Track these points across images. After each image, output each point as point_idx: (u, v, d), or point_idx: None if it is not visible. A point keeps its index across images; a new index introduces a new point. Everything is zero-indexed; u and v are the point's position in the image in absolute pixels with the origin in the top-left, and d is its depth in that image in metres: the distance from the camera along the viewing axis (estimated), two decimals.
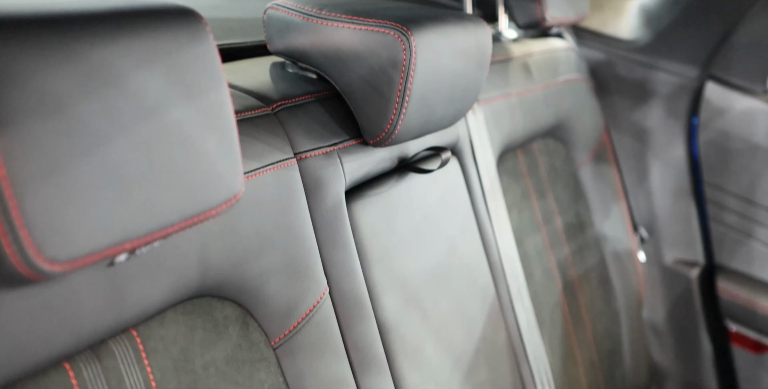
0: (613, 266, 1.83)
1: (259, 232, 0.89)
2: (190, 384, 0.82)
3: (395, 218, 1.12)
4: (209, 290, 0.86)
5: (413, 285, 1.14)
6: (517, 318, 1.37)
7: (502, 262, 1.36)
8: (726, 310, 1.87)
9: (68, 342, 0.70)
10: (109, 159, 0.60)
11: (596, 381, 1.68)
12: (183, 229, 0.69)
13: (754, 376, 1.90)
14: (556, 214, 1.66)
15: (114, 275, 0.72)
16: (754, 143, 1.73)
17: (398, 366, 1.09)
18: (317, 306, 0.97)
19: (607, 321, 1.77)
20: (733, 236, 1.82)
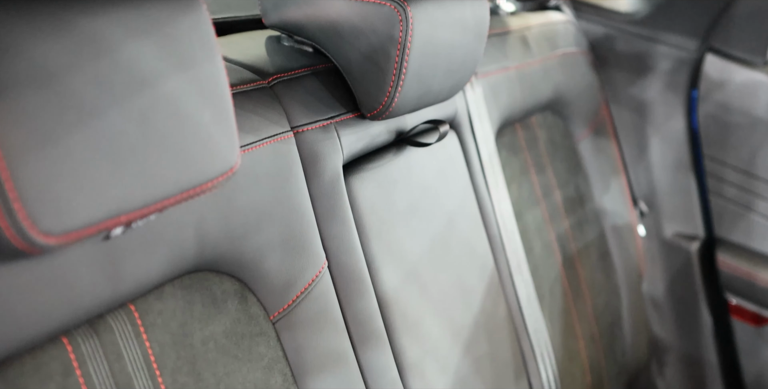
0: (612, 240, 1.83)
1: (256, 206, 0.88)
2: (189, 358, 0.82)
3: (393, 192, 1.12)
4: (207, 264, 0.85)
5: (412, 259, 1.13)
6: (517, 292, 1.37)
7: (502, 236, 1.36)
8: (726, 283, 1.87)
9: (65, 317, 0.70)
10: (103, 131, 0.60)
11: (596, 355, 1.68)
12: (179, 202, 0.68)
13: (754, 349, 1.90)
14: (555, 188, 1.65)
15: (110, 248, 0.72)
16: (754, 116, 1.72)
17: (398, 339, 1.09)
18: (316, 280, 0.97)
19: (606, 295, 1.76)
20: (732, 209, 1.82)
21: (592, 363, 1.66)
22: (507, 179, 1.48)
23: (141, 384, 0.77)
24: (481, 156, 1.35)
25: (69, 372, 0.71)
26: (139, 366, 0.77)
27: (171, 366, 0.80)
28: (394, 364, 1.08)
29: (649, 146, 1.89)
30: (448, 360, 1.17)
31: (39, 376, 0.69)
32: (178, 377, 0.80)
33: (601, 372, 1.71)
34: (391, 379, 1.07)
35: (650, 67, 1.84)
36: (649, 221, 1.94)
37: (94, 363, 0.73)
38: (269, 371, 0.91)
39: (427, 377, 1.12)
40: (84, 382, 0.72)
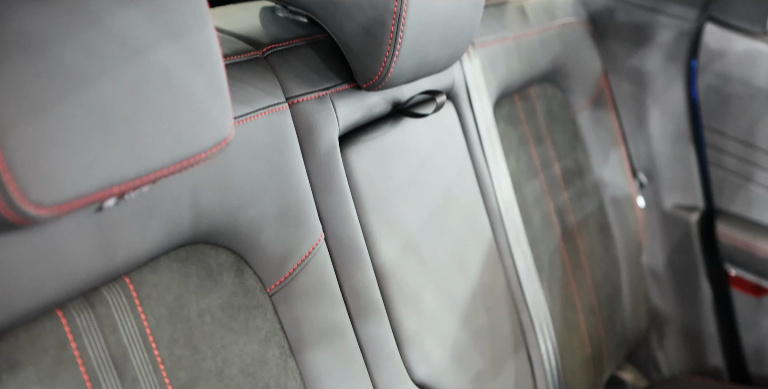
0: (612, 211, 1.82)
1: (251, 178, 0.88)
2: (185, 331, 0.81)
3: (390, 163, 1.11)
4: (202, 237, 0.85)
5: (410, 231, 1.13)
6: (516, 264, 1.37)
7: (500, 208, 1.35)
8: (725, 254, 1.87)
9: (59, 290, 0.70)
10: (93, 101, 0.59)
11: (596, 327, 1.68)
12: (172, 173, 0.67)
13: (754, 319, 1.90)
14: (554, 160, 1.65)
15: (103, 220, 0.71)
16: (754, 86, 1.71)
17: (396, 311, 1.09)
18: (313, 252, 0.97)
19: (606, 267, 1.76)
20: (732, 180, 1.81)
21: (591, 335, 1.66)
22: (505, 151, 1.47)
23: (137, 357, 0.76)
24: (479, 127, 1.34)
25: (64, 345, 0.71)
26: (134, 339, 0.77)
27: (167, 338, 0.80)
28: (392, 336, 1.08)
29: (648, 117, 1.88)
30: (446, 332, 1.17)
31: (34, 350, 0.69)
32: (174, 350, 0.80)
33: (601, 343, 1.71)
34: (389, 351, 1.07)
35: (649, 37, 1.82)
36: (649, 192, 1.94)
37: (89, 336, 0.73)
38: (266, 343, 0.91)
39: (425, 349, 1.12)
40: (79, 355, 0.72)
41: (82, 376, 0.72)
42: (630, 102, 1.89)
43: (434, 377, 1.13)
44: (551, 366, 1.42)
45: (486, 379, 1.24)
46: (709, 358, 1.98)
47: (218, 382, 0.84)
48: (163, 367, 0.79)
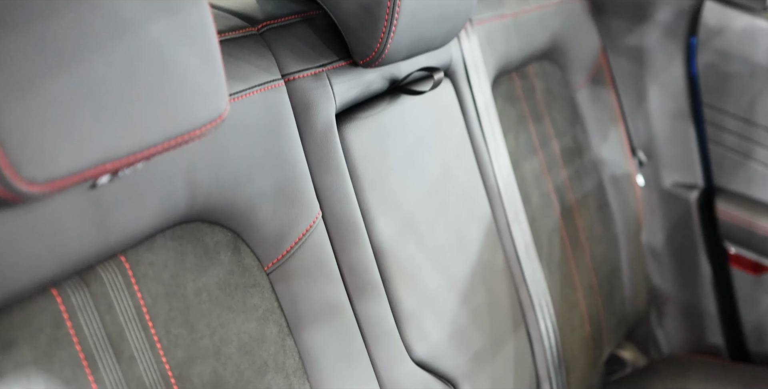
0: (611, 190, 1.82)
1: (247, 155, 0.87)
2: (182, 309, 0.81)
3: (388, 141, 1.11)
4: (199, 215, 0.84)
5: (408, 209, 1.12)
6: (515, 242, 1.36)
7: (499, 186, 1.35)
8: (725, 232, 1.87)
9: (54, 268, 0.69)
10: (85, 76, 0.58)
11: (595, 305, 1.68)
12: (167, 150, 0.67)
13: (754, 297, 1.90)
14: (553, 138, 1.64)
15: (98, 198, 0.71)
16: (753, 63, 1.70)
17: (394, 290, 1.08)
18: (310, 230, 0.96)
19: (605, 245, 1.76)
20: (732, 158, 1.80)
21: (591, 314, 1.66)
22: (504, 129, 1.46)
23: (133, 336, 0.76)
24: (477, 105, 1.33)
25: (59, 324, 0.70)
26: (130, 317, 0.76)
27: (164, 317, 0.79)
28: (390, 314, 1.07)
29: (647, 94, 1.87)
30: (445, 311, 1.16)
31: (29, 328, 0.68)
32: (171, 328, 0.80)
33: (600, 322, 1.71)
34: (388, 329, 1.06)
35: (648, 14, 1.81)
36: (648, 170, 1.93)
37: (84, 314, 0.72)
38: (264, 322, 0.90)
39: (424, 327, 1.12)
40: (75, 334, 0.71)
41: (78, 355, 0.71)
42: (629, 80, 1.88)
43: (433, 355, 1.13)
44: (551, 345, 1.42)
45: (485, 357, 1.24)
46: (708, 336, 1.98)
47: (216, 361, 0.83)
48: (159, 346, 0.78)
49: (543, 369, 1.42)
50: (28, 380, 0.67)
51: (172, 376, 0.79)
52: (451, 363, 1.16)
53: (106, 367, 0.73)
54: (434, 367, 1.13)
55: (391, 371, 1.07)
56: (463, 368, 1.19)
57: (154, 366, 0.77)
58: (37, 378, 0.68)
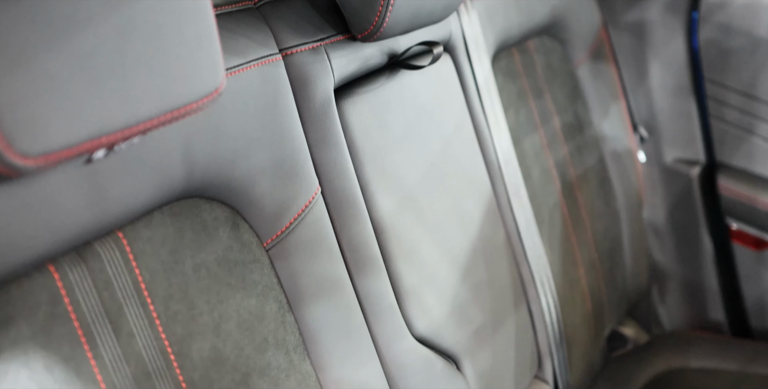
0: (612, 166, 1.81)
1: (245, 130, 0.86)
2: (180, 285, 0.81)
3: (387, 116, 1.10)
4: (197, 191, 0.84)
5: (408, 184, 1.12)
6: (516, 218, 1.36)
7: (499, 162, 1.34)
8: (727, 208, 1.86)
9: (51, 244, 0.69)
10: (78, 49, 0.58)
11: (596, 282, 1.68)
12: (163, 124, 0.66)
13: (755, 273, 1.90)
14: (554, 114, 1.63)
15: (94, 173, 0.70)
16: (755, 37, 1.69)
17: (395, 265, 1.08)
18: (309, 206, 0.95)
19: (607, 222, 1.75)
20: (734, 133, 1.79)
21: (592, 290, 1.66)
22: (504, 105, 1.45)
23: (132, 312, 0.76)
24: (477, 81, 1.32)
25: (57, 301, 0.70)
26: (129, 294, 0.76)
27: (162, 293, 0.79)
28: (391, 290, 1.07)
29: (648, 69, 1.86)
30: (446, 287, 1.16)
31: (26, 305, 0.68)
32: (170, 305, 0.79)
33: (602, 298, 1.70)
34: (389, 305, 1.06)
35: None
36: (649, 146, 1.92)
37: (82, 291, 0.72)
38: (264, 298, 0.90)
39: (424, 303, 1.11)
40: (73, 310, 0.71)
41: (76, 331, 0.71)
42: (630, 55, 1.87)
43: (434, 331, 1.13)
44: (552, 321, 1.42)
45: (486, 333, 1.24)
46: (710, 312, 1.98)
47: (215, 337, 0.83)
48: (158, 322, 0.78)
49: (544, 345, 1.42)
50: (26, 356, 0.67)
51: (172, 353, 0.79)
52: (452, 339, 1.16)
53: (104, 343, 0.73)
54: (435, 343, 1.13)
55: (391, 347, 1.07)
56: (464, 344, 1.18)
57: (153, 343, 0.77)
58: (36, 355, 0.68)
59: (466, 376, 1.18)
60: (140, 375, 0.76)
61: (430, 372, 1.11)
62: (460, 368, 1.18)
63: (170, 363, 0.78)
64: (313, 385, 0.95)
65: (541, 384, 1.44)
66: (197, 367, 0.81)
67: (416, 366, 1.10)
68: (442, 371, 1.13)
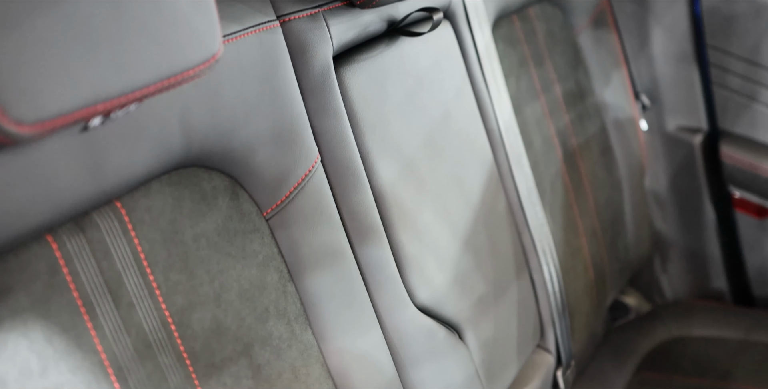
0: (614, 134, 1.80)
1: (243, 98, 0.85)
2: (180, 255, 0.80)
3: (387, 84, 1.09)
4: (195, 160, 0.83)
5: (408, 153, 1.11)
6: (517, 187, 1.35)
7: (500, 130, 1.33)
8: (729, 176, 1.85)
9: (48, 213, 0.68)
10: (73, 14, 0.56)
11: (598, 251, 1.67)
12: (160, 91, 0.65)
13: (757, 241, 1.90)
14: (555, 82, 1.62)
15: (91, 141, 0.69)
16: (758, 2, 1.68)
17: (396, 234, 1.07)
18: (309, 174, 0.95)
19: (608, 191, 1.75)
20: (736, 100, 1.78)
21: (594, 259, 1.65)
22: (505, 73, 1.44)
23: (131, 282, 0.75)
24: (478, 48, 1.31)
25: (55, 271, 0.69)
26: (128, 264, 0.75)
27: (162, 263, 0.78)
28: (392, 259, 1.06)
29: (650, 36, 1.84)
30: (447, 256, 1.15)
31: (24, 275, 0.67)
32: (170, 274, 0.79)
33: (604, 267, 1.70)
34: (390, 274, 1.06)
35: None
36: (651, 114, 1.91)
37: (81, 260, 0.71)
38: (264, 268, 0.89)
39: (426, 272, 1.11)
40: (72, 280, 0.70)
41: (75, 302, 0.70)
42: (632, 22, 1.86)
43: (436, 300, 1.12)
44: (554, 290, 1.41)
45: (488, 303, 1.23)
46: (712, 281, 1.98)
47: (216, 307, 0.83)
48: (159, 292, 0.77)
49: (547, 314, 1.42)
50: (26, 326, 0.66)
51: (172, 323, 0.78)
52: (454, 308, 1.15)
53: (104, 314, 0.72)
54: (437, 312, 1.13)
55: (393, 316, 1.07)
56: (467, 313, 1.18)
57: (153, 313, 0.77)
58: (35, 325, 0.67)
59: (469, 345, 1.18)
60: (141, 345, 0.75)
61: (432, 342, 1.11)
62: (462, 337, 1.17)
63: (171, 333, 0.78)
64: (315, 355, 0.95)
65: (543, 353, 1.43)
66: (198, 337, 0.80)
67: (418, 335, 1.09)
68: (445, 340, 1.13)
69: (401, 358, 1.08)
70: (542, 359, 1.42)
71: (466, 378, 1.16)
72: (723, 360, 1.69)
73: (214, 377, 0.81)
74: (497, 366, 1.26)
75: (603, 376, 1.69)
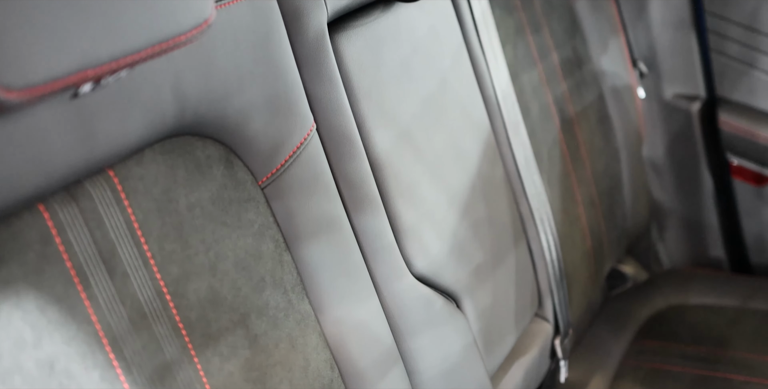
0: (611, 102, 1.79)
1: (237, 65, 0.84)
2: (175, 225, 0.79)
3: (383, 50, 1.07)
4: (188, 128, 0.82)
5: (405, 121, 1.10)
6: (515, 155, 1.34)
7: (498, 97, 1.32)
8: (727, 143, 1.85)
9: (39, 182, 0.67)
10: None
11: (596, 219, 1.67)
12: (151, 57, 0.64)
13: (755, 209, 1.89)
14: (552, 49, 1.60)
15: (81, 108, 0.68)
16: None
17: (392, 203, 1.06)
18: (304, 143, 0.93)
19: (606, 159, 1.74)
20: (735, 67, 1.77)
21: (591, 228, 1.65)
22: (501, 40, 1.42)
23: (125, 252, 0.74)
24: (474, 14, 1.29)
25: (48, 240, 0.68)
26: (122, 233, 0.74)
27: (156, 233, 0.77)
28: (389, 228, 1.05)
29: (648, 3, 1.83)
30: (445, 225, 1.15)
31: (16, 245, 0.66)
32: (164, 244, 0.78)
33: (602, 236, 1.70)
34: (387, 244, 1.05)
35: None
36: (649, 82, 1.90)
37: (73, 230, 0.70)
38: (260, 237, 0.89)
39: (423, 241, 1.10)
40: (65, 250, 0.69)
41: (68, 272, 0.69)
42: None
43: (433, 269, 1.12)
44: (552, 259, 1.41)
45: (486, 271, 1.23)
46: (710, 249, 1.98)
47: (212, 277, 0.82)
48: (153, 262, 0.76)
49: (545, 283, 1.42)
50: (18, 297, 0.65)
51: (168, 293, 0.77)
52: (451, 277, 1.15)
53: (98, 284, 0.71)
54: (435, 281, 1.12)
55: (391, 285, 1.06)
56: (464, 282, 1.18)
57: (148, 283, 0.76)
58: (28, 295, 0.66)
59: (467, 314, 1.18)
60: (136, 315, 0.74)
61: (430, 311, 1.10)
62: (460, 306, 1.17)
63: (166, 303, 0.77)
64: (312, 325, 0.94)
65: (541, 322, 1.43)
66: (194, 307, 0.80)
67: (416, 304, 1.09)
68: (442, 309, 1.12)
69: (399, 327, 1.08)
70: (540, 328, 1.42)
71: (464, 347, 1.16)
72: (720, 328, 1.69)
73: (211, 347, 0.81)
74: (495, 335, 1.26)
75: (601, 344, 1.69)
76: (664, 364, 1.60)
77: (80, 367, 0.69)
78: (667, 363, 1.60)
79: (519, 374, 1.33)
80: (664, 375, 1.57)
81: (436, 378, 1.12)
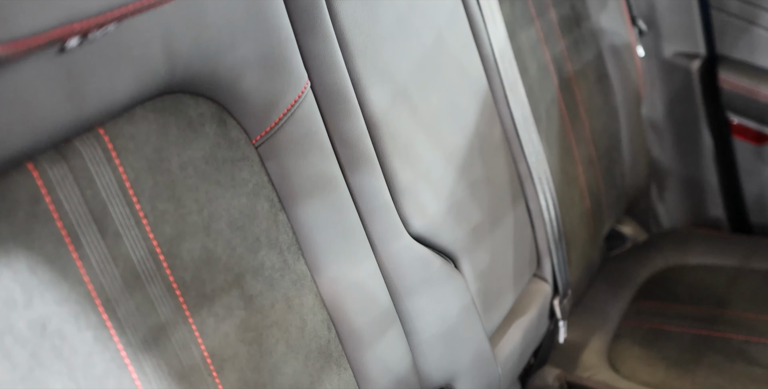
0: (610, 61, 1.77)
1: (228, 20, 0.82)
2: (167, 184, 0.78)
3: (377, 6, 1.05)
4: (180, 85, 0.80)
5: (401, 78, 1.08)
6: (513, 113, 1.32)
7: (495, 56, 1.30)
8: (727, 102, 1.83)
9: (27, 140, 0.65)
10: None
11: (595, 179, 1.66)
12: (139, 11, 0.62)
13: (755, 168, 1.89)
14: (550, 6, 1.58)
15: (69, 64, 0.66)
16: None
17: (389, 162, 1.05)
18: (299, 100, 0.92)
19: (605, 118, 1.72)
20: (735, 24, 1.75)
21: (590, 188, 1.64)
22: None
23: (117, 211, 0.73)
24: None
25: (37, 199, 0.67)
26: (113, 193, 0.73)
27: (148, 192, 0.76)
28: (385, 188, 1.04)
29: None
30: (442, 184, 1.13)
31: (5, 204, 0.65)
32: (157, 203, 0.76)
33: (600, 196, 1.69)
34: (384, 203, 1.04)
35: None
36: (648, 40, 1.88)
37: (63, 189, 0.69)
38: (255, 197, 0.87)
39: (420, 201, 1.09)
40: (55, 209, 0.68)
41: (59, 231, 0.68)
42: None
43: (431, 229, 1.11)
44: (550, 219, 1.40)
45: (484, 231, 1.22)
46: (709, 209, 1.98)
47: (206, 237, 0.81)
48: (146, 222, 0.75)
49: (543, 243, 1.41)
50: (8, 257, 0.64)
51: (161, 253, 0.76)
52: (449, 237, 1.14)
53: (90, 244, 0.70)
54: (432, 241, 1.12)
55: (387, 245, 1.05)
56: (462, 242, 1.17)
57: (141, 243, 0.75)
58: (18, 255, 0.65)
59: (465, 274, 1.17)
60: (129, 276, 0.73)
61: (427, 271, 1.10)
62: (458, 266, 1.16)
63: (160, 263, 0.76)
64: (308, 285, 0.94)
65: (539, 283, 1.43)
66: (188, 268, 0.79)
67: (413, 264, 1.08)
68: (440, 269, 1.12)
69: (396, 288, 1.07)
70: (539, 288, 1.42)
71: (463, 308, 1.15)
72: (720, 288, 1.69)
73: (206, 308, 0.80)
74: (494, 296, 1.26)
75: (600, 305, 1.69)
76: (664, 324, 1.60)
77: (73, 328, 0.68)
78: (666, 323, 1.60)
79: (518, 334, 1.32)
80: (664, 335, 1.57)
81: (434, 339, 1.12)
